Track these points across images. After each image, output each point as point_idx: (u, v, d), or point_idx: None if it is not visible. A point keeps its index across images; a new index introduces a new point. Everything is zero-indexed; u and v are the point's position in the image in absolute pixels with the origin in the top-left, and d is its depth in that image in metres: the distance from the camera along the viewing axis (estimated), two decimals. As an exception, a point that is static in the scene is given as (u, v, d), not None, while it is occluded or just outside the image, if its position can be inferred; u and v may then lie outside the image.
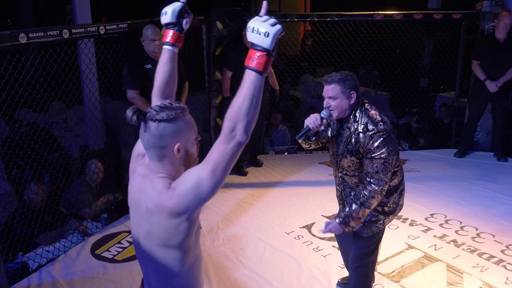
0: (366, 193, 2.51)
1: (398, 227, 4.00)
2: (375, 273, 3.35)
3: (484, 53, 5.19)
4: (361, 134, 2.48)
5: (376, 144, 2.44)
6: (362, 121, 2.49)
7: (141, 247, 1.65)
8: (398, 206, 2.74)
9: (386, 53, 7.27)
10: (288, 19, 5.63)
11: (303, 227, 4.03)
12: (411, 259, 3.55)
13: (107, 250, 3.74)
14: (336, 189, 2.84)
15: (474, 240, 3.80)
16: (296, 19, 5.69)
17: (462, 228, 3.99)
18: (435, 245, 3.74)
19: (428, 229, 3.98)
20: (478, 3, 5.67)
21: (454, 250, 3.67)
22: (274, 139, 5.86)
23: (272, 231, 3.97)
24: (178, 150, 1.59)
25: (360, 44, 6.21)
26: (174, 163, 1.61)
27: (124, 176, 5.04)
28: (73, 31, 3.60)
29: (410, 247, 3.71)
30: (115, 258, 3.62)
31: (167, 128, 1.56)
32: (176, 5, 1.86)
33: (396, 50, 7.75)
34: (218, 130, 5.34)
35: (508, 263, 3.48)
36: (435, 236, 3.87)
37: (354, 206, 2.55)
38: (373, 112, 2.52)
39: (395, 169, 2.58)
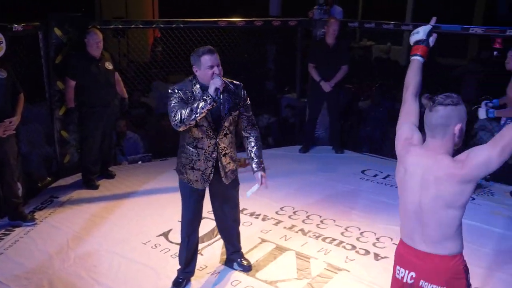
0: (258, 134, 3.15)
1: (251, 223, 4.20)
2: (232, 270, 3.50)
3: (317, 57, 5.72)
4: (236, 90, 3.03)
5: (246, 93, 3.09)
6: (227, 82, 3.00)
7: (422, 210, 2.04)
8: None
9: (236, 58, 7.57)
10: (133, 26, 5.54)
11: (160, 235, 4.00)
12: (265, 252, 3.76)
13: None
14: (202, 161, 3.03)
15: (318, 227, 4.16)
16: (141, 26, 5.63)
17: (308, 217, 4.34)
18: (285, 235, 4.01)
19: (279, 221, 4.26)
20: (309, 11, 6.23)
21: (302, 238, 3.98)
22: (125, 148, 5.71)
23: (127, 243, 3.87)
24: (459, 130, 1.97)
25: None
26: (452, 141, 2.00)
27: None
28: None
29: (263, 240, 3.92)
30: None
31: (453, 111, 1.96)
32: (427, 27, 2.37)
33: (244, 55, 8.12)
34: (63, 142, 5.07)
35: (347, 244, 3.89)
36: (285, 227, 4.15)
37: (258, 150, 3.12)
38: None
39: None
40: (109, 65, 4.82)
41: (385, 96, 6.65)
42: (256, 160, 3.10)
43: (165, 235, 4.00)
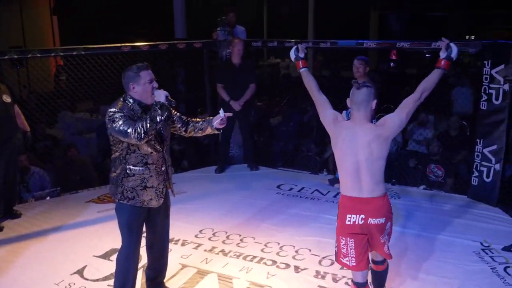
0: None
1: (171, 249, 4.07)
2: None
3: (224, 77, 5.81)
4: (163, 102, 2.95)
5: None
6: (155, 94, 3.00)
7: (360, 167, 2.74)
8: None
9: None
10: (30, 55, 5.29)
11: (74, 273, 3.78)
12: (186, 277, 3.70)
13: None
14: (154, 177, 3.03)
15: (238, 246, 4.18)
16: (39, 55, 5.37)
17: (228, 237, 4.35)
18: (206, 258, 3.98)
19: (199, 245, 4.22)
20: (213, 33, 6.33)
21: (223, 259, 3.98)
22: (31, 184, 5.37)
23: (38, 286, 3.62)
24: (375, 105, 2.80)
25: (116, 75, 6.20)
26: (371, 113, 2.80)
27: None
28: None
29: (183, 266, 3.86)
30: None
31: (371, 91, 2.77)
32: (294, 48, 3.20)
33: (156, 80, 8.03)
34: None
35: (267, 259, 3.95)
36: (205, 250, 4.12)
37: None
38: None
39: None
40: (6, 98, 4.55)
41: (294, 109, 6.92)
42: (208, 119, 3.27)
43: (80, 272, 3.80)
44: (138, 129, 2.82)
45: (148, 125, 2.83)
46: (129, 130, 2.82)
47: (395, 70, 10.13)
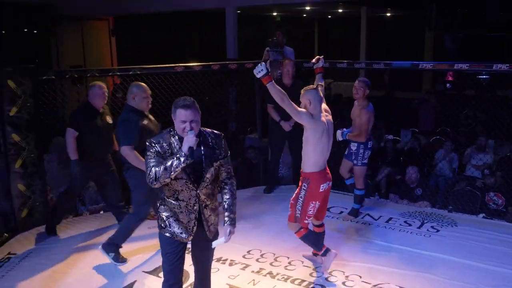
0: (235, 188, 3.06)
1: (218, 269, 4.11)
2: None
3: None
4: (216, 140, 2.95)
5: (226, 143, 3.01)
6: (207, 132, 2.97)
7: (327, 148, 3.88)
8: None
9: (197, 101, 7.60)
10: (88, 75, 5.52)
11: (125, 287, 3.86)
12: (233, 298, 3.68)
13: None
14: (185, 214, 2.93)
15: (286, 269, 4.12)
16: (97, 74, 5.60)
17: (276, 259, 4.30)
18: (253, 280, 3.95)
19: (246, 266, 4.19)
20: (265, 53, 6.38)
21: (270, 281, 3.93)
22: (85, 198, 5.55)
23: (90, 298, 3.72)
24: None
25: (170, 94, 6.36)
26: None
27: None
28: None
29: (231, 286, 3.84)
30: None
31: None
32: (259, 66, 3.65)
33: (206, 98, 8.18)
34: (20, 196, 4.89)
35: (316, 284, 3.87)
36: (253, 271, 4.09)
37: (233, 204, 3.04)
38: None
39: None
40: (109, 119, 4.75)
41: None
42: (227, 214, 3.01)
43: (130, 287, 3.86)
44: (152, 174, 2.79)
45: (161, 173, 2.77)
46: (146, 171, 2.83)
47: (452, 91, 9.83)
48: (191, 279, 3.56)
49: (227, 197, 3.03)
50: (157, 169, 2.78)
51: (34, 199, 5.01)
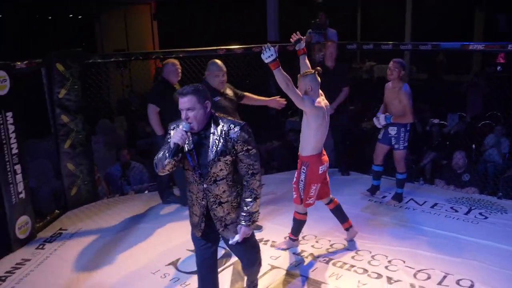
0: (255, 186, 2.73)
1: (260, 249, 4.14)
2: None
3: (322, 80, 5.72)
4: (230, 131, 2.64)
5: (247, 136, 2.67)
6: (226, 122, 2.67)
7: (327, 131, 3.92)
8: None
9: (237, 84, 7.62)
10: (133, 58, 5.62)
11: (169, 264, 3.96)
12: (275, 278, 3.71)
13: None
14: (196, 207, 2.77)
15: (328, 251, 4.11)
16: (141, 58, 5.70)
17: (317, 241, 4.29)
18: (295, 261, 3.96)
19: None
20: (306, 35, 6.29)
21: (312, 263, 3.93)
22: (131, 178, 5.70)
23: (136, 273, 3.83)
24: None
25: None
26: None
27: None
28: None
29: (273, 267, 3.87)
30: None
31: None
32: (270, 50, 3.49)
33: (246, 81, 8.18)
34: (70, 175, 5.08)
35: (358, 267, 3.83)
36: (294, 253, 4.10)
37: (250, 202, 2.72)
38: (228, 116, 2.78)
39: None
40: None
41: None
42: (243, 214, 2.74)
43: (174, 264, 3.96)
44: (155, 160, 2.67)
45: (157, 161, 2.65)
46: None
47: (503, 74, 9.41)
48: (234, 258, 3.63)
49: (246, 195, 2.74)
50: (159, 155, 2.65)
51: (82, 178, 5.19)
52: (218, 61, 4.34)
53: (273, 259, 4.00)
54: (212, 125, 2.66)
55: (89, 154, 5.27)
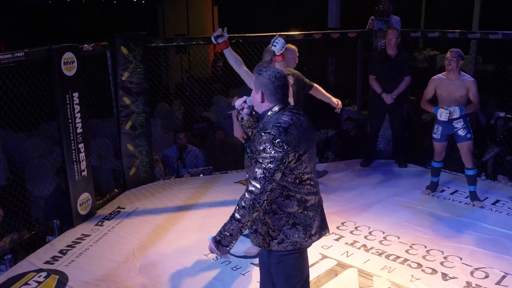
0: (241, 203, 2.26)
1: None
2: None
3: (378, 68, 5.60)
4: (257, 135, 2.32)
5: (263, 146, 2.23)
6: (270, 121, 2.32)
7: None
8: (288, 243, 2.41)
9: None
10: (194, 43, 5.71)
11: (221, 247, 4.03)
12: (325, 268, 3.69)
13: (14, 293, 3.51)
14: None
15: (381, 243, 4.03)
16: (202, 42, 5.77)
17: (370, 233, 4.22)
18: (347, 252, 3.92)
19: (340, 237, 4.17)
20: (369, 22, 6.13)
21: (364, 254, 3.87)
22: (187, 161, 5.84)
23: (189, 254, 3.94)
24: None
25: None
26: None
27: (30, 212, 4.76)
28: (-38, 61, 3.39)
29: (324, 256, 3.85)
30: (22, 301, 3.40)
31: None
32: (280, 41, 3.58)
33: (303, 68, 8.11)
34: (129, 156, 5.28)
35: (412, 262, 3.74)
36: (346, 243, 4.06)
37: (227, 220, 2.31)
38: (285, 117, 2.32)
39: (290, 193, 2.36)
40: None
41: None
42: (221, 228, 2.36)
43: (227, 247, 4.02)
44: None
45: None
46: None
47: None
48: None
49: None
50: None
51: (141, 159, 5.38)
52: (291, 45, 4.33)
53: (325, 248, 3.97)
54: (265, 117, 2.38)
55: (148, 136, 5.44)
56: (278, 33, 5.74)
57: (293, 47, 4.55)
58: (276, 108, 2.38)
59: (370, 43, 6.12)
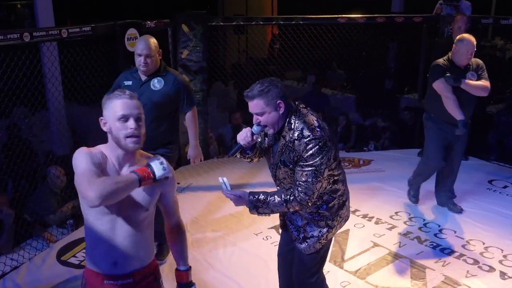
0: (292, 197, 2.32)
1: (364, 225, 4.09)
2: (342, 270, 3.44)
3: (443, 55, 5.34)
4: (296, 142, 2.26)
5: (310, 152, 2.23)
6: (298, 127, 2.26)
7: None
8: (343, 219, 2.56)
9: (352, 56, 7.41)
10: (253, 22, 5.69)
11: (272, 227, 4.06)
12: (377, 256, 3.64)
13: (74, 256, 3.69)
14: None
15: (436, 237, 3.92)
16: (261, 23, 5.75)
17: (425, 225, 4.11)
18: (400, 242, 3.84)
19: (393, 227, 4.08)
20: (437, 7, 5.86)
21: (418, 246, 3.78)
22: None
23: (240, 233, 4.00)
24: None
25: (325, 47, 6.28)
26: None
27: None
28: (34, 34, 3.55)
29: (375, 245, 3.80)
30: (81, 264, 3.57)
31: None
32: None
33: (362, 53, 7.92)
34: (186, 133, 5.34)
35: (468, 257, 3.61)
36: (399, 233, 3.97)
37: (277, 199, 2.35)
38: (310, 117, 2.31)
39: (336, 178, 2.41)
40: None
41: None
42: (261, 195, 2.43)
43: (276, 228, 4.04)
44: None
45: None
46: None
47: None
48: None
49: (277, 193, 2.40)
50: None
51: (196, 136, 5.45)
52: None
53: (377, 236, 3.91)
54: (287, 126, 2.29)
55: (204, 114, 5.51)
56: (339, 15, 5.63)
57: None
58: (292, 109, 2.31)
59: (435, 29, 5.86)
